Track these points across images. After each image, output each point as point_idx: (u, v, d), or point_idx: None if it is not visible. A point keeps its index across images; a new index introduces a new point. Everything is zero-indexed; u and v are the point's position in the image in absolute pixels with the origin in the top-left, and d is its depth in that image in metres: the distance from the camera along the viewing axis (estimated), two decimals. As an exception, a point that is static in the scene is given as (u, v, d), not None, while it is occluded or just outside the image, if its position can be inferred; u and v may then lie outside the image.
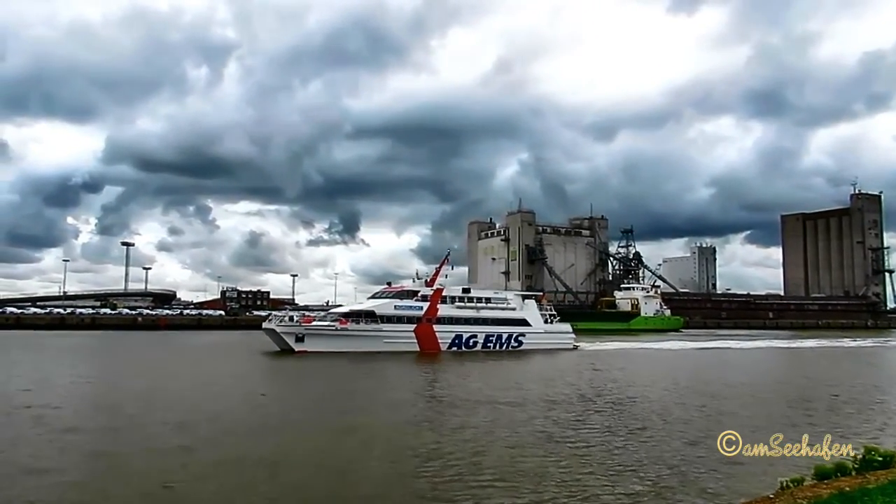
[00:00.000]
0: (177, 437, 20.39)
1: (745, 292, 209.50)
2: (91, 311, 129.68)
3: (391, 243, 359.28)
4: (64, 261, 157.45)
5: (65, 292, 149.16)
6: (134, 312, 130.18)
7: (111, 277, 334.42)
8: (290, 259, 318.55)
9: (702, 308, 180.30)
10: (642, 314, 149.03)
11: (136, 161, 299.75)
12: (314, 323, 58.96)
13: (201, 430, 21.89)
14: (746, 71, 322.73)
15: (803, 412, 27.18)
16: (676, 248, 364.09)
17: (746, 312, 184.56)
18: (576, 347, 67.72)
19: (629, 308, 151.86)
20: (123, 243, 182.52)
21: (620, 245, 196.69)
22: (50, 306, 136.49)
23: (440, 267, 67.48)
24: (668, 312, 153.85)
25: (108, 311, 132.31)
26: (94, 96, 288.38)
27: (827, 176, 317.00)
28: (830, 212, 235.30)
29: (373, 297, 65.24)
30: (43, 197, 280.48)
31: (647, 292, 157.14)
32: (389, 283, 68.98)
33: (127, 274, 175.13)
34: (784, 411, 27.39)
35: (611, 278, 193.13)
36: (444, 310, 62.92)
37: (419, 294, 62.85)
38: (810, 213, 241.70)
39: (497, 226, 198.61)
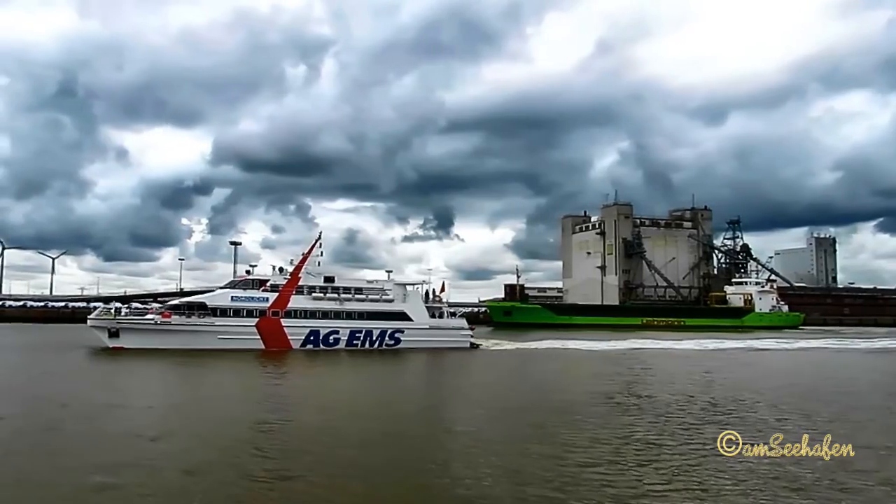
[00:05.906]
0: None
1: (871, 286, 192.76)
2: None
3: (485, 238, 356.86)
4: (179, 259, 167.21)
5: (181, 289, 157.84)
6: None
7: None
8: (385, 255, 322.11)
9: (821, 304, 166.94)
10: (756, 310, 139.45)
11: (239, 162, 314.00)
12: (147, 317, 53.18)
13: None
14: (886, 36, 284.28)
15: None
16: (793, 239, 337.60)
17: (873, 308, 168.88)
18: (476, 346, 60.08)
19: (741, 304, 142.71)
20: (231, 243, 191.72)
21: (726, 237, 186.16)
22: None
23: (308, 252, 58.99)
24: (785, 308, 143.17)
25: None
26: (201, 100, 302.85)
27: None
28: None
29: (224, 287, 58.12)
30: (160, 200, 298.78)
31: (763, 287, 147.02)
32: (249, 271, 60.16)
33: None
34: None
35: (716, 272, 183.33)
36: (297, 301, 55.58)
37: (268, 283, 55.59)
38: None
39: (592, 219, 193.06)
